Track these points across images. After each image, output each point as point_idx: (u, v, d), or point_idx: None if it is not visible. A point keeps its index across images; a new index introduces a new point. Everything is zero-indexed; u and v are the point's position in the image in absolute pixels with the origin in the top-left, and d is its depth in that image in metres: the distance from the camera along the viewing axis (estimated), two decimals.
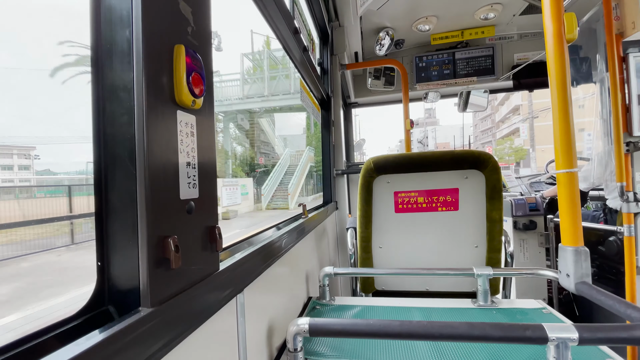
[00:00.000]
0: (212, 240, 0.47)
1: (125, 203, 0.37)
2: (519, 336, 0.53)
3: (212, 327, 0.49)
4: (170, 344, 0.38)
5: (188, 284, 0.42)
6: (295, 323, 0.63)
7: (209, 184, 0.47)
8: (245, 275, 0.61)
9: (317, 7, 1.79)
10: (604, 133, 1.93)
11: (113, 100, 0.37)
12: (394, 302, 1.02)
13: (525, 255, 2.30)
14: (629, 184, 1.62)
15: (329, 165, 2.06)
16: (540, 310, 0.93)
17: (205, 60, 0.46)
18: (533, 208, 2.30)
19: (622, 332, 0.51)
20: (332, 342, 0.81)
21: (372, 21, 2.34)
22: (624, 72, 1.65)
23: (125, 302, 0.37)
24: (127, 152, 0.36)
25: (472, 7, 2.24)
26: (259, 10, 0.99)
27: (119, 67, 0.37)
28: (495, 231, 1.15)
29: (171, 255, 0.37)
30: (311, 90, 1.76)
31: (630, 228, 1.60)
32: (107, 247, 0.38)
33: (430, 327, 0.55)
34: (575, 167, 0.77)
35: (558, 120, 0.78)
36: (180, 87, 0.40)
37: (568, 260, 0.76)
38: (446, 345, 0.77)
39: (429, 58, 2.71)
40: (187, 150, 0.42)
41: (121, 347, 0.31)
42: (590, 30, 1.91)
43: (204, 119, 0.46)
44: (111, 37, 0.37)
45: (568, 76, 0.77)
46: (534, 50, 2.57)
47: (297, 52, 1.32)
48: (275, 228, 1.04)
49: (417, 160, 1.18)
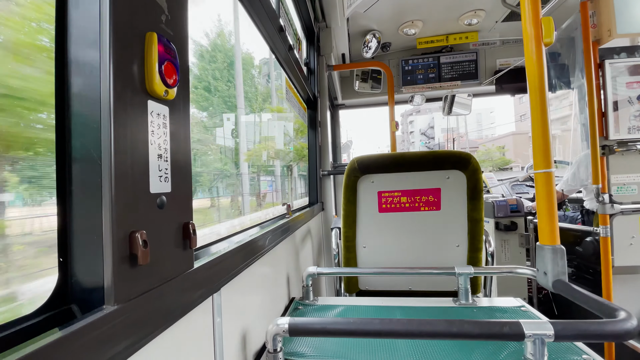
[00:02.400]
0: (185, 236, 0.45)
1: (90, 196, 0.35)
2: (497, 333, 0.53)
3: (184, 327, 0.47)
4: (137, 343, 0.36)
5: (158, 282, 0.40)
6: (275, 323, 0.62)
7: (182, 178, 0.45)
8: (223, 274, 0.59)
9: (303, 6, 1.79)
10: (582, 137, 2.00)
11: (78, 86, 0.36)
12: (377, 302, 1.02)
13: (507, 256, 2.35)
14: (605, 186, 1.68)
15: (315, 166, 2.06)
16: (518, 309, 0.94)
17: (180, 50, 0.44)
18: (514, 209, 2.35)
19: (595, 328, 0.52)
20: (313, 342, 0.80)
21: (359, 23, 2.36)
22: (600, 78, 1.72)
23: (89, 300, 0.36)
24: (92, 143, 0.35)
25: (456, 13, 2.29)
26: (242, 5, 0.98)
27: (85, 52, 0.35)
28: (476, 231, 1.17)
29: (139, 250, 0.35)
30: (297, 89, 1.75)
31: (606, 229, 1.65)
32: (71, 242, 0.36)
33: (409, 325, 0.55)
34: (552, 167, 0.79)
35: (535, 122, 0.80)
36: (152, 76, 0.38)
37: (545, 259, 0.78)
38: (427, 345, 0.77)
39: (415, 62, 2.75)
40: (159, 142, 0.41)
41: (82, 346, 0.29)
42: (568, 38, 1.98)
43: (178, 110, 0.45)
44: (78, 21, 0.36)
45: (545, 79, 0.79)
46: (516, 56, 2.64)
47: (283, 51, 1.31)
48: (258, 227, 1.03)
49: (400, 160, 1.19)
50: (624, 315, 0.54)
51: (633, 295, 1.76)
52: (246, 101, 4.77)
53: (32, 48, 0.45)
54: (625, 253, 1.70)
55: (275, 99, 5.75)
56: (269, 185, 5.45)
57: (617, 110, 1.72)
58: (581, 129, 2.00)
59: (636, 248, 1.70)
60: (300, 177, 5.71)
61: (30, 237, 0.52)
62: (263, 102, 5.64)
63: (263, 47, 1.98)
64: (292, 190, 5.94)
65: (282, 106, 5.66)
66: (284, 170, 5.73)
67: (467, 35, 2.57)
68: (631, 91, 1.72)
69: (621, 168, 1.73)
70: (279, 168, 5.65)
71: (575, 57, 1.92)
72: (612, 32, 1.56)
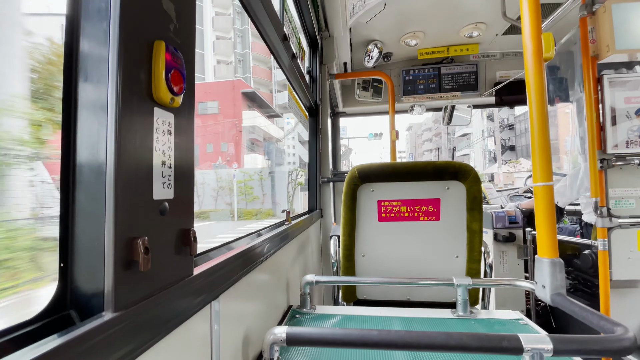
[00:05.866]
0: (186, 243, 0.45)
1: (93, 201, 0.35)
2: (495, 346, 0.53)
3: (183, 334, 0.47)
4: (136, 350, 0.36)
5: (158, 288, 0.40)
6: (272, 332, 0.61)
7: (185, 185, 0.46)
8: (222, 281, 0.59)
9: (307, 15, 1.81)
10: (580, 150, 2.01)
11: (85, 91, 0.36)
12: (375, 312, 1.01)
13: (505, 267, 2.35)
14: (603, 200, 1.68)
15: (315, 173, 2.06)
16: (517, 321, 0.94)
17: (187, 59, 0.45)
18: (513, 221, 2.35)
19: (594, 344, 0.52)
20: (310, 351, 0.80)
21: (361, 33, 2.39)
22: (598, 92, 1.74)
23: (88, 306, 0.35)
24: (97, 149, 0.35)
25: (457, 25, 2.32)
26: (247, 14, 0.99)
27: (94, 59, 0.36)
28: (475, 242, 1.17)
29: (140, 257, 0.35)
30: (299, 97, 1.77)
31: (604, 242, 1.65)
32: (72, 247, 0.36)
33: (408, 336, 0.54)
34: (552, 180, 0.79)
35: (536, 136, 0.80)
36: (159, 84, 0.39)
37: (544, 272, 0.78)
38: (425, 357, 0.76)
39: (416, 72, 2.77)
40: (163, 149, 0.41)
41: (80, 353, 0.29)
42: (567, 52, 2.00)
43: (183, 117, 0.45)
44: (87, 28, 0.36)
45: (545, 93, 0.80)
46: (515, 68, 2.67)
47: (286, 59, 1.33)
48: (256, 234, 1.02)
49: (400, 169, 1.20)
50: (622, 331, 0.54)
51: (631, 309, 1.75)
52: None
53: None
54: (623, 267, 1.70)
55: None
56: None
57: (615, 125, 1.73)
58: (579, 142, 2.02)
59: (634, 262, 1.70)
60: None
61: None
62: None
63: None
64: None
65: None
66: None
67: (468, 47, 2.60)
68: (629, 106, 1.74)
69: (619, 182, 1.74)
70: None
71: (574, 71, 1.94)
72: (610, 48, 1.59)
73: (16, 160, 0.48)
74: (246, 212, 15.81)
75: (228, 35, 29.39)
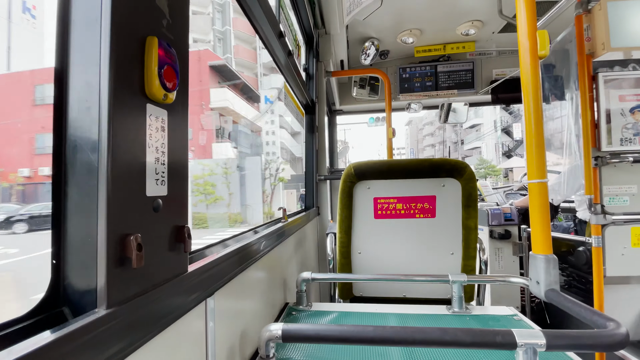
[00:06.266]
0: (180, 240, 0.45)
1: (86, 198, 0.35)
2: (489, 342, 0.54)
3: (177, 331, 0.47)
4: (129, 347, 0.36)
5: (151, 285, 0.40)
6: (268, 329, 0.61)
7: (179, 181, 0.45)
8: (217, 278, 0.59)
9: (303, 12, 1.81)
10: (575, 148, 2.02)
11: (77, 87, 0.36)
12: (371, 309, 1.02)
13: (500, 264, 2.36)
14: (597, 197, 1.69)
15: (312, 171, 2.06)
16: (511, 317, 0.95)
17: (180, 55, 0.44)
18: (508, 218, 2.37)
19: (587, 339, 0.52)
20: (306, 348, 0.80)
21: (358, 31, 2.38)
22: (593, 90, 1.75)
23: (81, 303, 0.35)
24: (89, 145, 0.35)
25: (454, 23, 2.32)
26: (243, 11, 0.98)
27: (85, 54, 0.35)
28: (470, 239, 1.17)
29: (133, 254, 0.35)
30: (295, 94, 1.76)
31: (598, 239, 1.66)
32: (65, 244, 0.36)
33: (403, 332, 0.55)
34: (546, 178, 0.80)
35: (530, 133, 0.81)
36: (151, 80, 0.39)
37: (538, 268, 0.79)
38: (420, 352, 0.77)
39: (413, 70, 2.78)
40: (157, 146, 0.41)
41: (73, 349, 0.29)
42: (563, 50, 2.01)
43: (176, 114, 0.45)
44: (79, 24, 0.36)
45: (540, 90, 0.80)
46: (511, 66, 2.68)
47: (282, 56, 1.32)
48: (253, 231, 1.02)
49: (396, 167, 1.20)
50: (614, 326, 0.54)
51: (624, 305, 1.77)
52: None
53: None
54: (617, 263, 1.72)
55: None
56: None
57: (609, 123, 1.74)
58: (574, 139, 2.03)
59: (628, 258, 1.72)
60: None
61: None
62: None
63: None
64: None
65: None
66: None
67: (464, 45, 2.60)
68: (624, 104, 1.75)
69: (613, 179, 1.75)
70: None
71: (570, 69, 1.95)
72: (606, 46, 1.59)
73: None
74: (205, 217, 12.28)
75: (206, 10, 24.40)
